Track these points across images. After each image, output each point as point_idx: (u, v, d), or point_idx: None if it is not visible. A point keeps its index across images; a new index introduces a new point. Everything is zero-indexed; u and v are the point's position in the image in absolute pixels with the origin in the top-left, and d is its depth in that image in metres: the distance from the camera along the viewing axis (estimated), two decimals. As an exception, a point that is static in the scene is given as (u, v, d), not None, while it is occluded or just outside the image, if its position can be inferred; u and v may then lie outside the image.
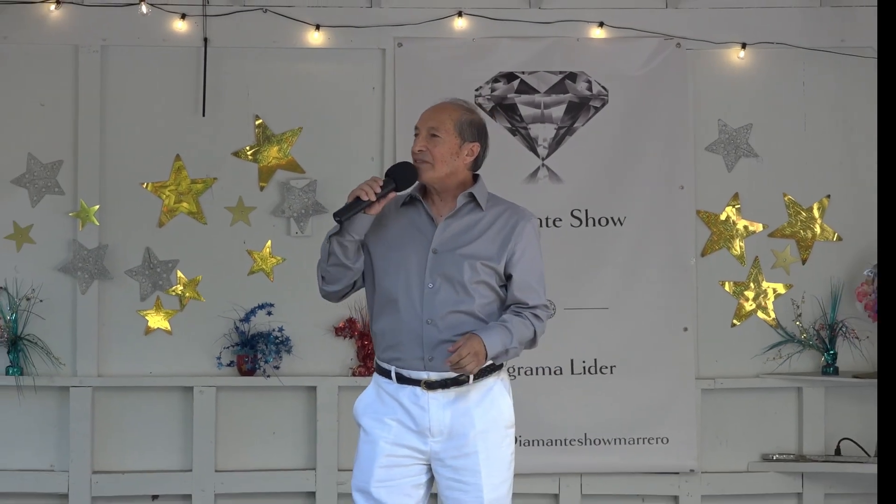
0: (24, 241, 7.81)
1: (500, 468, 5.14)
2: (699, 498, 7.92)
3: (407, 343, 5.10)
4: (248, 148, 7.91)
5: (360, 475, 5.13)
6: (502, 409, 5.17)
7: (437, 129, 5.16)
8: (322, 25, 7.86)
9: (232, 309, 7.82)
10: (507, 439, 5.16)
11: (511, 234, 5.16)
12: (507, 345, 5.05)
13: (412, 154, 5.19)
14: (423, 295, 5.09)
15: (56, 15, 7.79)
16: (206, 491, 7.76)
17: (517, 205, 5.33)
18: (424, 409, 5.06)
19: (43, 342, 7.75)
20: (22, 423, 7.80)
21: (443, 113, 5.23)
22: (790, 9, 8.04)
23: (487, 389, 5.12)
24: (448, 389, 5.06)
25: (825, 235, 8.05)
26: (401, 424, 5.10)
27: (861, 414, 7.95)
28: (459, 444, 5.07)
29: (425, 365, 5.07)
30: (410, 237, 5.18)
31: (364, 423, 5.19)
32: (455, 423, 5.07)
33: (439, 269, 5.09)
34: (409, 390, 5.09)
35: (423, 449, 5.10)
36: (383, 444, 5.10)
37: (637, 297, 7.91)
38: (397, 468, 5.10)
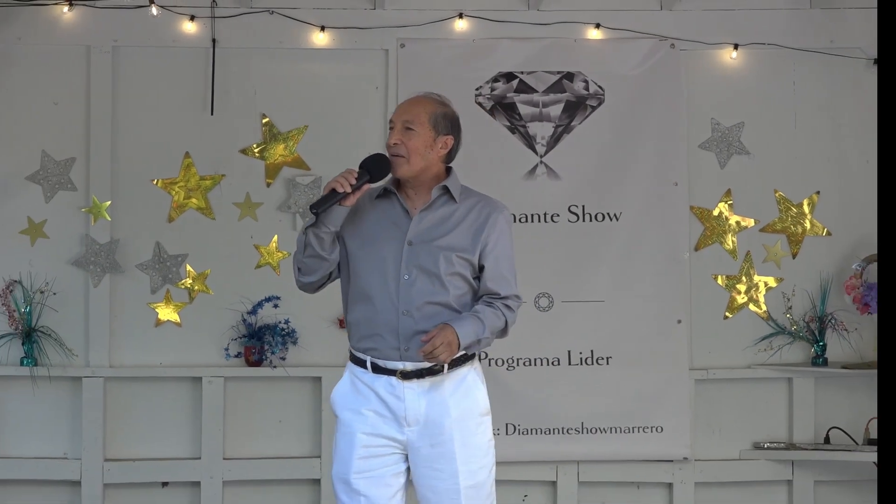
0: (39, 235, 7.85)
1: (477, 454, 5.14)
2: (692, 485, 7.94)
3: (383, 334, 5.09)
4: (255, 145, 7.95)
5: (340, 466, 5.15)
6: (477, 398, 5.18)
7: (411, 123, 5.16)
8: (327, 27, 7.88)
9: (239, 301, 7.84)
10: (482, 426, 5.17)
11: (484, 226, 5.16)
12: (479, 335, 5.05)
13: (387, 147, 5.18)
14: (399, 286, 5.08)
15: (69, 16, 7.80)
16: (214, 478, 7.80)
17: (490, 197, 5.33)
18: (400, 399, 5.07)
19: (56, 334, 7.77)
20: (36, 412, 7.85)
21: (417, 106, 5.22)
22: (781, 11, 8.07)
23: (461, 378, 5.14)
24: (423, 379, 5.06)
25: (815, 231, 8.08)
26: (377, 415, 5.10)
27: (850, 403, 8.01)
28: (435, 433, 5.08)
29: (401, 355, 5.07)
30: (386, 230, 5.17)
31: (341, 414, 5.20)
32: (430, 411, 5.08)
33: (415, 260, 5.10)
34: (385, 380, 5.09)
35: (399, 438, 5.10)
36: (360, 435, 5.10)
37: (632, 291, 7.92)
38: (375, 458, 5.11)
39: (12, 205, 7.88)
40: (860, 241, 8.04)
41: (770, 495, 8.11)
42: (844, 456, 7.81)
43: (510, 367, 7.85)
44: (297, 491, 7.95)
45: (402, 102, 5.31)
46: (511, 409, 7.80)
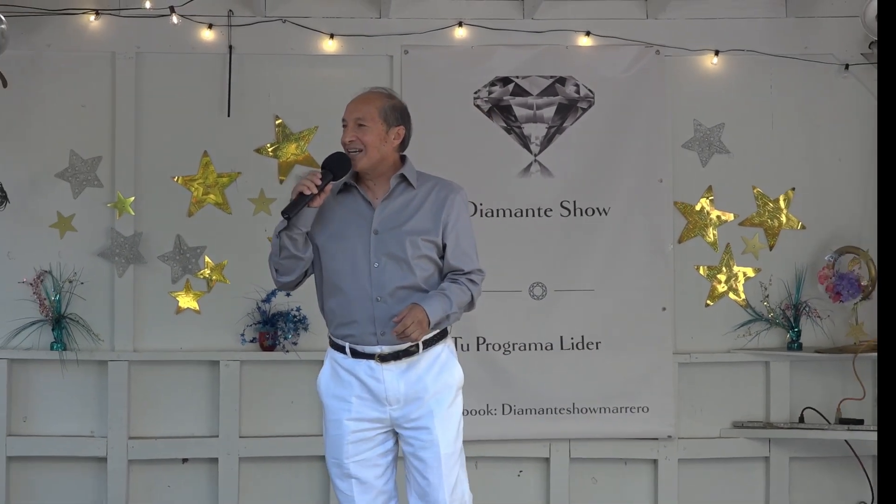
0: (67, 229, 7.87)
1: (453, 425, 5.22)
2: (676, 461, 7.99)
3: (359, 321, 5.14)
4: (269, 145, 7.99)
5: (333, 451, 5.24)
6: (452, 373, 5.25)
7: (363, 119, 5.18)
8: (336, 34, 7.90)
9: (254, 290, 7.86)
10: (458, 399, 5.25)
11: (443, 207, 5.22)
12: (447, 310, 5.10)
13: (343, 145, 5.21)
14: (370, 274, 5.14)
15: (95, 25, 7.82)
16: (231, 455, 7.83)
17: (445, 179, 5.38)
18: (380, 381, 5.14)
19: (84, 320, 7.81)
20: (65, 393, 7.88)
21: (367, 104, 5.24)
22: (759, 19, 8.08)
23: (436, 356, 5.21)
24: (400, 360, 5.14)
25: (790, 224, 8.11)
26: (360, 399, 5.17)
27: (822, 385, 8.07)
28: (415, 408, 5.15)
29: (378, 339, 5.13)
30: (352, 222, 5.21)
31: (327, 401, 5.27)
32: (409, 390, 5.15)
33: (383, 248, 5.14)
34: (365, 364, 5.16)
35: (383, 417, 5.17)
36: (347, 421, 5.18)
37: (620, 280, 7.94)
38: (363, 442, 5.19)
39: (43, 200, 7.88)
40: (832, 235, 8.08)
41: (748, 471, 8.12)
42: (817, 434, 7.85)
43: (506, 351, 7.90)
44: (307, 466, 7.95)
45: (352, 101, 5.31)
46: (507, 390, 7.86)
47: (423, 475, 5.16)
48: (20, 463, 7.85)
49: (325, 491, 7.89)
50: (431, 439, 5.15)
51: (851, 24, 7.74)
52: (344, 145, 5.22)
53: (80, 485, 7.94)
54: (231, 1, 7.87)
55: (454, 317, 5.20)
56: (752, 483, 8.16)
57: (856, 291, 7.82)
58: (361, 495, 5.21)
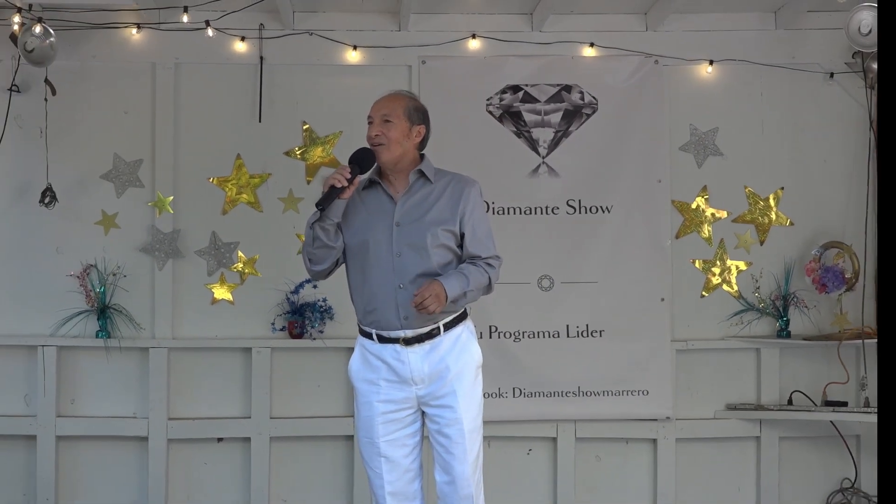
0: (111, 226, 7.93)
1: (475, 402, 5.27)
2: (674, 440, 8.01)
3: (383, 307, 5.19)
4: (297, 148, 8.02)
5: (366, 431, 5.28)
6: (472, 352, 5.31)
7: (389, 115, 5.26)
8: (358, 46, 7.93)
9: (284, 283, 7.89)
10: (478, 378, 5.30)
11: (459, 198, 5.28)
12: (464, 287, 5.14)
13: (368, 140, 5.27)
14: (392, 264, 5.17)
15: (137, 38, 7.87)
16: (262, 434, 7.87)
17: (461, 174, 5.43)
18: (405, 363, 5.19)
19: (127, 311, 7.86)
20: (109, 378, 7.93)
21: (393, 101, 5.32)
22: (750, 31, 8.08)
23: (456, 337, 5.27)
24: (423, 343, 5.18)
25: (779, 221, 8.13)
26: (388, 382, 5.23)
27: (810, 370, 8.07)
28: (440, 387, 5.20)
29: (402, 324, 5.17)
30: (375, 216, 5.25)
31: (358, 385, 5.32)
32: (433, 370, 5.19)
33: (404, 239, 5.18)
34: (391, 348, 5.20)
35: (409, 397, 5.22)
36: (377, 403, 5.24)
37: (622, 273, 7.95)
38: (392, 423, 5.24)
39: (89, 200, 7.92)
40: (818, 231, 8.12)
41: (741, 450, 8.11)
42: (805, 416, 7.88)
43: (517, 339, 7.95)
44: (333, 445, 7.97)
45: (378, 100, 5.36)
46: (517, 375, 7.88)
47: (448, 450, 5.20)
48: (68, 442, 7.88)
49: (350, 467, 7.92)
50: (456, 417, 5.20)
51: (836, 36, 7.71)
52: (369, 140, 5.27)
53: (123, 462, 7.94)
54: (262, 15, 7.83)
55: (472, 295, 5.23)
56: (745, 461, 8.14)
57: (840, 283, 7.86)
58: (390, 473, 5.24)
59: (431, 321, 5.19)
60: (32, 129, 7.86)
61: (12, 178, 7.92)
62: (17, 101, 7.81)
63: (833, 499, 8.09)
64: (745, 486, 8.17)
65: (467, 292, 5.19)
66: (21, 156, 7.89)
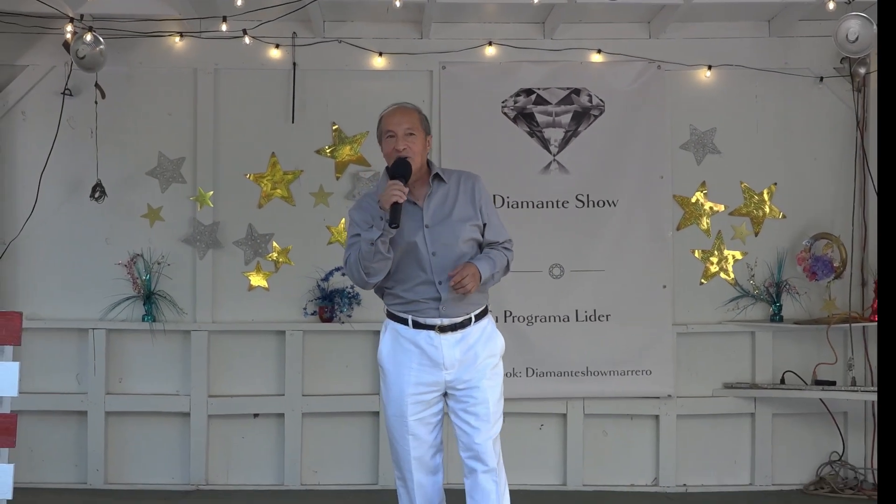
0: (156, 219, 8.04)
1: (498, 386, 5.30)
2: (675, 417, 8.09)
3: (423, 300, 5.19)
4: (327, 147, 8.10)
5: (396, 410, 5.25)
6: (497, 342, 5.34)
7: (412, 129, 5.21)
8: (384, 53, 8.01)
9: (315, 271, 8.01)
10: (500, 364, 5.33)
11: (473, 193, 5.29)
12: (492, 269, 5.21)
13: (394, 153, 5.17)
14: (430, 263, 5.17)
15: (180, 45, 7.99)
16: (295, 410, 7.98)
17: (462, 171, 5.42)
18: (438, 348, 5.18)
19: (170, 296, 7.98)
20: (154, 358, 8.05)
21: (411, 115, 5.26)
22: (746, 39, 8.14)
23: (483, 328, 5.29)
24: (456, 332, 5.20)
25: (773, 214, 8.18)
26: (420, 365, 5.20)
27: (800, 352, 8.14)
28: (468, 371, 5.21)
29: (439, 313, 5.18)
30: (406, 222, 5.16)
31: (389, 368, 5.28)
32: (463, 356, 5.21)
33: (437, 239, 5.19)
34: (425, 334, 5.19)
35: (439, 381, 5.21)
36: (408, 384, 5.21)
37: (627, 262, 8.02)
38: (421, 404, 5.22)
39: (135, 194, 8.04)
40: (809, 223, 8.19)
41: (737, 425, 8.18)
42: (796, 394, 7.97)
43: (529, 323, 8.02)
44: (360, 421, 8.05)
45: (395, 114, 5.28)
46: (530, 356, 7.95)
47: (473, 426, 5.21)
48: (116, 417, 8.03)
49: (376, 441, 8.03)
50: (483, 397, 5.22)
51: (825, 43, 7.87)
52: (396, 153, 5.21)
53: (166, 436, 8.06)
54: (295, 24, 7.92)
55: (497, 276, 5.32)
56: (740, 435, 8.21)
57: (829, 271, 7.96)
58: (416, 449, 5.26)
59: (464, 312, 5.23)
60: (84, 130, 7.99)
61: (65, 175, 8.04)
62: (70, 104, 7.97)
63: (822, 471, 8.19)
64: (740, 459, 8.23)
65: (494, 273, 5.28)
66: (73, 154, 8.01)
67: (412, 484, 5.33)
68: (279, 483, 8.03)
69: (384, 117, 5.37)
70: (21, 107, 8.05)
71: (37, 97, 8.05)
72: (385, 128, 5.30)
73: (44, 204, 7.95)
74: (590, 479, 8.11)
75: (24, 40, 7.95)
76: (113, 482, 8.00)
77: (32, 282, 8.05)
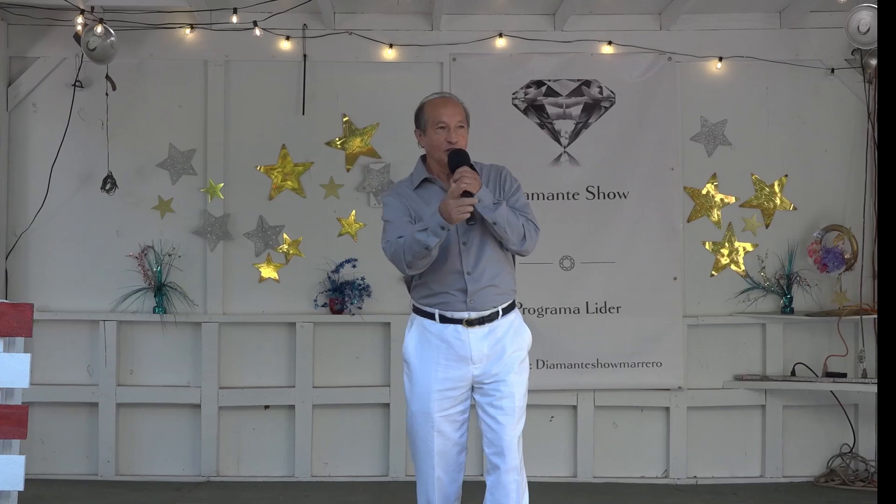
0: (167, 211, 8.07)
1: (524, 382, 5.24)
2: (685, 409, 8.10)
3: (452, 292, 5.13)
4: (337, 139, 8.12)
5: (421, 404, 5.18)
6: (524, 336, 5.29)
7: (462, 122, 5.17)
8: (394, 44, 8.03)
9: (325, 263, 8.03)
10: (527, 360, 5.27)
11: (504, 183, 5.24)
12: (497, 206, 5.03)
13: (448, 144, 5.09)
14: (460, 253, 5.12)
15: (190, 37, 8.02)
16: (305, 402, 7.99)
17: (493, 164, 5.33)
18: (465, 342, 5.12)
19: (181, 288, 8.01)
20: (165, 350, 8.08)
21: (460, 108, 5.22)
22: (757, 30, 8.17)
23: (511, 323, 5.23)
24: (483, 325, 5.13)
25: (784, 206, 8.18)
26: (447, 360, 5.14)
27: (811, 344, 8.13)
28: (495, 365, 5.15)
29: (467, 307, 5.12)
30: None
31: (414, 362, 5.22)
32: (491, 350, 5.15)
33: (468, 228, 5.10)
34: (452, 328, 5.13)
35: (465, 375, 5.15)
36: (434, 380, 5.14)
37: (637, 254, 8.03)
38: (447, 399, 5.15)
39: (146, 186, 8.07)
40: (819, 215, 8.19)
41: (747, 417, 8.18)
42: (807, 386, 7.97)
43: (540, 314, 8.02)
44: (371, 412, 8.07)
45: (446, 105, 5.22)
46: (541, 348, 7.58)
47: (498, 421, 5.15)
48: (127, 409, 8.06)
49: (386, 433, 8.06)
50: (510, 391, 5.16)
51: (836, 35, 7.86)
52: (447, 144, 5.13)
53: (177, 427, 8.08)
54: (305, 16, 7.95)
55: (500, 219, 5.07)
56: (751, 428, 8.22)
57: (840, 263, 7.96)
58: (440, 445, 5.17)
59: (492, 305, 5.17)
60: (95, 122, 8.02)
61: (76, 166, 8.06)
62: (81, 95, 8.00)
63: (833, 463, 8.18)
64: (751, 451, 8.24)
65: (496, 212, 5.07)
66: (84, 146, 8.04)
67: (432, 480, 5.26)
68: (289, 475, 8.03)
69: (430, 106, 5.29)
70: (32, 99, 8.07)
71: (48, 89, 8.06)
72: (436, 118, 5.21)
73: (55, 196, 7.98)
74: (600, 470, 8.12)
75: (35, 32, 7.99)
76: (124, 473, 8.01)
77: (43, 274, 8.06)
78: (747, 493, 7.83)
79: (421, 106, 5.33)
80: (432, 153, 5.24)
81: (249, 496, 7.54)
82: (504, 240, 5.17)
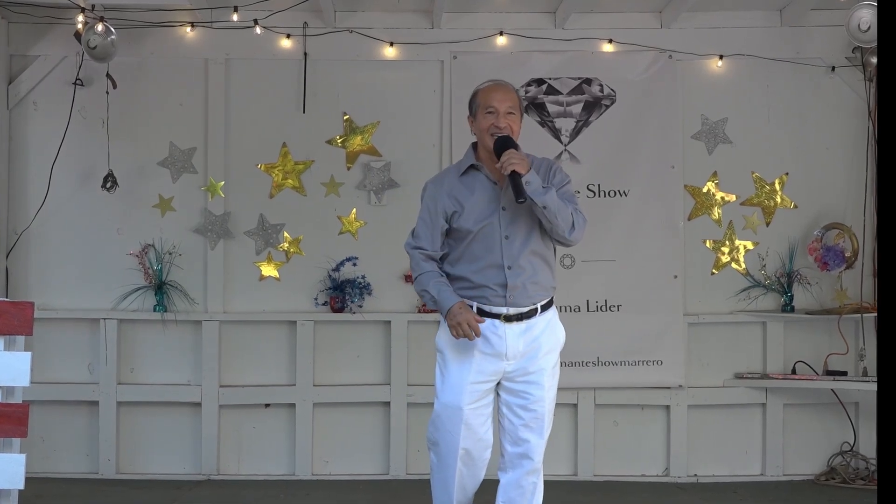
0: (167, 209, 8.04)
1: (556, 383, 5.27)
2: (686, 407, 8.08)
3: (491, 286, 5.09)
4: (338, 137, 8.09)
5: (451, 395, 5.13)
6: (559, 335, 5.29)
7: (513, 108, 5.14)
8: (395, 42, 8.00)
9: (326, 261, 8.00)
10: (559, 361, 5.29)
11: (552, 174, 5.21)
12: (547, 190, 4.99)
13: (496, 129, 5.08)
14: (502, 246, 5.08)
15: (191, 35, 7.98)
16: (306, 401, 7.97)
17: (544, 157, 5.37)
18: (501, 338, 5.08)
19: (182, 286, 7.97)
20: (166, 348, 8.04)
21: (512, 94, 5.20)
22: (757, 28, 8.13)
23: (548, 320, 5.22)
24: (521, 322, 5.11)
25: (784, 204, 8.17)
26: (482, 354, 5.10)
27: (812, 342, 8.11)
28: (530, 363, 5.13)
29: (506, 301, 5.08)
30: (482, 202, 5.13)
31: (448, 354, 5.17)
32: (527, 348, 5.12)
33: (512, 221, 5.10)
34: (490, 322, 5.08)
35: (498, 370, 5.12)
36: (468, 372, 5.11)
37: (638, 252, 8.01)
38: (476, 393, 5.12)
39: (147, 184, 8.03)
40: (820, 213, 8.17)
41: (748, 415, 8.16)
42: (807, 384, 7.94)
43: None
44: (371, 411, 8.04)
45: (497, 90, 5.18)
46: None
47: (528, 424, 5.16)
48: (128, 407, 8.02)
49: (386, 431, 8.03)
50: (542, 395, 5.17)
51: (837, 33, 7.82)
52: (495, 128, 5.11)
53: (178, 426, 8.05)
54: (306, 14, 7.91)
55: (552, 206, 5.02)
56: (751, 426, 8.20)
57: (840, 261, 7.95)
58: (466, 439, 5.14)
59: (531, 301, 5.15)
60: (95, 120, 7.98)
61: (77, 165, 8.02)
62: (82, 94, 7.96)
63: (833, 461, 8.16)
64: (751, 450, 8.22)
65: (546, 194, 5.02)
66: (85, 144, 8.00)
67: (453, 472, 5.22)
68: (290, 473, 8.02)
69: (482, 92, 5.25)
70: (33, 97, 8.04)
71: (48, 87, 8.02)
72: (486, 103, 5.17)
73: (55, 194, 7.95)
74: (601, 469, 8.10)
75: (35, 30, 7.96)
76: (124, 472, 7.99)
77: (44, 272, 8.04)
78: (748, 491, 7.79)
79: (475, 92, 5.30)
80: (480, 139, 5.22)
81: (250, 494, 7.51)
82: (552, 226, 5.11)
